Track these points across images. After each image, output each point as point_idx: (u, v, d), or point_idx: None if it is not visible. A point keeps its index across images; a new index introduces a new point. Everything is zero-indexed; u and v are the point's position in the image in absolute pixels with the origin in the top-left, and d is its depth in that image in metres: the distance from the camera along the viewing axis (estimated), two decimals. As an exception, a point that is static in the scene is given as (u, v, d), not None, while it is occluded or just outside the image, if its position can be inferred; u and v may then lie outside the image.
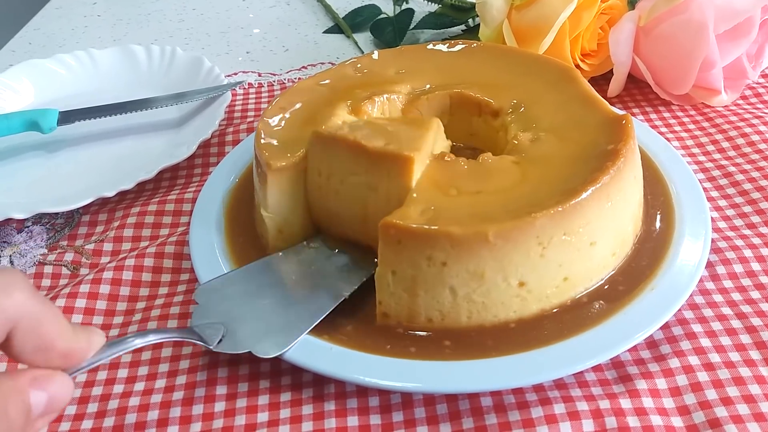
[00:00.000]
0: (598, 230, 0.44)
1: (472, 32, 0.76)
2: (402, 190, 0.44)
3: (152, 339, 0.37)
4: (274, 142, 0.50)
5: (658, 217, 0.50)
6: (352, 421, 0.41)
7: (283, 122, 0.51)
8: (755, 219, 0.52)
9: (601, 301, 0.44)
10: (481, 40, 0.68)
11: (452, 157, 0.47)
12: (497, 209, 0.42)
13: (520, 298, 0.43)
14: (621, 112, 0.50)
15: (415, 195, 0.44)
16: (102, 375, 0.45)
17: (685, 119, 0.64)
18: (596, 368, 0.42)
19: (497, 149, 0.49)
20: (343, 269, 0.47)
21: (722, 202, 0.54)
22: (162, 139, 0.66)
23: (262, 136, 0.50)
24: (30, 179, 0.63)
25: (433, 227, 0.41)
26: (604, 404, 0.40)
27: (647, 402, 0.40)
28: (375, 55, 0.58)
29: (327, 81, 0.55)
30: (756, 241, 0.50)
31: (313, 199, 0.49)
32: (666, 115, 0.64)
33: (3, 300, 0.28)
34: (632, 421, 0.39)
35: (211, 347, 0.40)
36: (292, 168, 0.48)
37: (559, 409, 0.39)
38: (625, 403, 0.40)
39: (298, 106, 0.53)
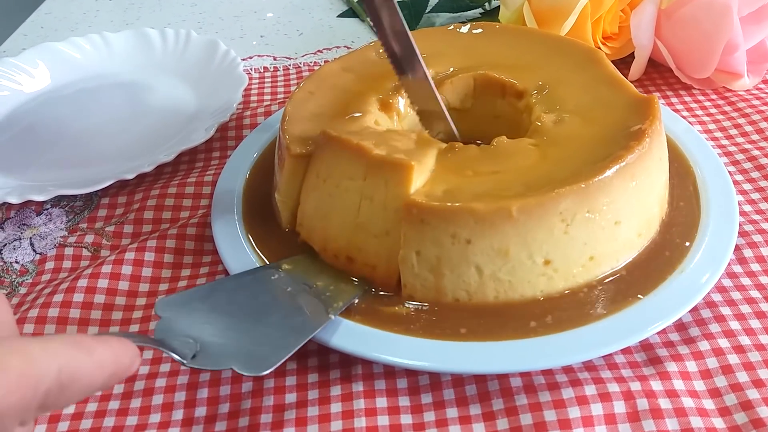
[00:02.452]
0: (623, 209, 0.43)
1: (489, 15, 0.75)
2: (399, 201, 0.43)
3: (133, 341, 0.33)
4: (299, 127, 0.49)
5: (684, 199, 0.49)
6: (381, 402, 0.40)
7: (310, 108, 0.51)
8: (781, 202, 0.52)
9: (629, 283, 0.44)
10: (501, 23, 0.67)
11: (460, 145, 0.47)
12: (518, 186, 0.42)
13: (546, 277, 0.43)
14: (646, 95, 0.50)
15: (426, 181, 0.44)
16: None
17: (707, 103, 0.63)
18: (625, 350, 0.42)
19: (521, 131, 0.49)
20: (323, 292, 0.44)
21: (747, 186, 0.54)
22: (180, 122, 0.66)
23: (287, 119, 0.50)
24: (48, 162, 0.62)
25: (456, 204, 0.41)
26: (635, 386, 0.39)
27: (678, 384, 0.40)
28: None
29: (351, 66, 0.55)
30: (783, 224, 0.50)
31: (305, 201, 0.48)
32: (687, 99, 0.64)
33: None
34: (664, 403, 0.39)
35: (185, 363, 0.36)
36: (309, 156, 0.48)
37: (590, 390, 0.39)
38: (656, 386, 0.40)
39: (325, 92, 0.52)
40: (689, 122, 0.60)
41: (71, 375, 0.27)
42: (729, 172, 0.54)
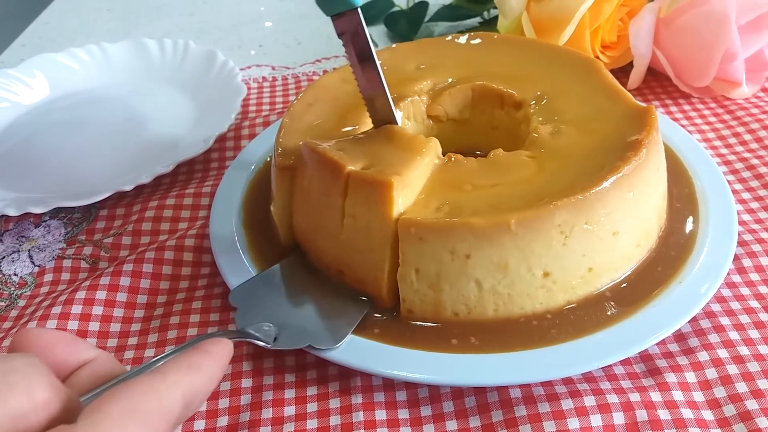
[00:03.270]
0: (621, 220, 0.43)
1: (488, 25, 0.75)
2: (382, 220, 0.42)
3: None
4: (294, 139, 0.49)
5: (683, 210, 0.49)
6: (380, 415, 0.40)
7: (308, 120, 0.51)
8: (780, 211, 0.52)
9: (628, 294, 0.44)
10: (499, 32, 0.67)
11: (459, 157, 0.47)
12: (516, 199, 0.42)
13: (545, 289, 0.43)
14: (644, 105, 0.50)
15: (423, 196, 0.44)
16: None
17: (706, 112, 0.63)
18: (624, 361, 0.42)
19: (519, 142, 0.49)
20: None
21: (746, 195, 0.54)
22: (178, 133, 0.66)
23: (283, 131, 0.50)
24: (46, 174, 0.62)
25: (454, 219, 0.41)
26: (635, 397, 0.39)
27: (677, 395, 0.40)
28: (394, 49, 0.58)
29: (350, 77, 0.54)
30: (782, 233, 0.50)
31: (295, 214, 0.48)
32: (686, 107, 0.64)
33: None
34: (663, 414, 0.39)
35: (269, 346, 0.40)
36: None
37: (589, 401, 0.39)
38: (655, 396, 0.40)
39: (323, 104, 0.52)
40: (688, 131, 0.60)
41: (192, 396, 0.29)
42: (728, 181, 0.54)
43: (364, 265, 0.44)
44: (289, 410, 0.41)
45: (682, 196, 0.50)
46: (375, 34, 0.83)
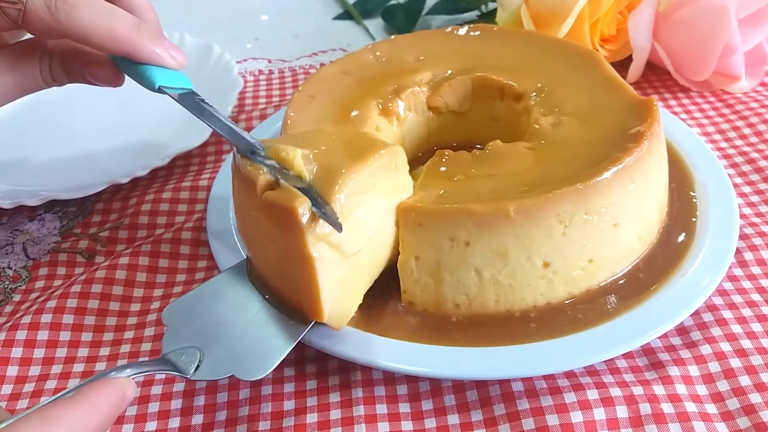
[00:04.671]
0: (622, 212, 0.43)
1: (486, 17, 0.75)
2: (298, 247, 0.36)
3: (130, 373, 0.33)
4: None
5: (684, 203, 0.49)
6: (381, 409, 0.40)
7: (312, 113, 0.50)
8: (781, 205, 0.52)
9: (629, 287, 0.43)
10: (498, 25, 0.67)
11: (451, 153, 0.46)
12: (515, 188, 0.42)
13: (546, 280, 0.42)
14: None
15: (420, 188, 0.43)
16: (122, 363, 0.44)
17: (705, 106, 0.63)
18: (627, 355, 0.42)
19: (519, 134, 0.49)
20: None
21: (746, 189, 0.53)
22: (174, 126, 0.65)
23: (289, 124, 0.49)
24: (41, 167, 0.62)
25: (454, 205, 0.41)
26: (638, 390, 0.39)
27: (680, 389, 0.40)
28: (393, 41, 0.57)
29: (349, 69, 0.54)
30: (783, 226, 0.49)
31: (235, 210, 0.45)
32: (685, 101, 0.64)
33: None
34: (666, 408, 0.38)
35: (188, 377, 0.36)
36: None
37: (592, 395, 0.39)
38: (659, 390, 0.39)
39: (325, 96, 0.51)
40: (687, 125, 0.60)
41: None
42: (728, 175, 0.54)
43: (297, 290, 0.39)
44: (289, 404, 0.40)
45: (682, 189, 0.50)
46: (372, 27, 0.82)
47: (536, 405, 0.39)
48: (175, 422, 0.40)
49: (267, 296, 0.41)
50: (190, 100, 0.41)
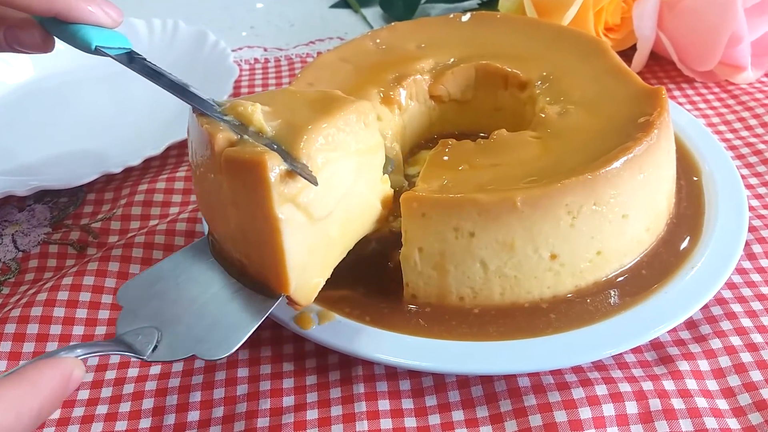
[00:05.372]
0: (630, 202, 0.42)
1: (488, 6, 0.73)
2: (264, 206, 0.33)
3: (80, 353, 0.31)
4: None
5: (691, 194, 0.48)
6: (383, 405, 0.39)
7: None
8: (788, 197, 0.51)
9: (637, 280, 0.42)
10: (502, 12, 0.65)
11: (455, 141, 0.45)
12: (521, 178, 0.41)
13: (553, 272, 0.41)
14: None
15: (422, 179, 0.42)
16: (115, 359, 0.43)
17: (710, 96, 0.62)
18: (635, 349, 0.41)
19: (524, 124, 0.48)
20: None
21: (753, 180, 0.53)
22: (168, 115, 0.63)
23: None
24: (31, 156, 0.60)
25: (458, 195, 0.39)
26: (647, 386, 0.38)
27: (690, 384, 0.39)
28: (393, 27, 0.56)
29: (348, 56, 0.53)
30: (791, 219, 0.48)
31: (193, 180, 0.41)
32: (690, 92, 0.63)
33: None
34: (677, 404, 0.37)
35: (144, 358, 0.33)
36: None
37: (600, 390, 0.38)
38: (668, 385, 0.38)
39: (324, 84, 0.50)
40: (692, 115, 0.59)
41: (27, 410, 0.26)
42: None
43: (261, 259, 0.36)
44: (288, 400, 0.39)
45: (690, 180, 0.49)
46: (369, 16, 0.81)
47: (543, 401, 0.38)
48: (170, 419, 0.39)
49: (231, 272, 0.38)
50: (131, 60, 0.38)
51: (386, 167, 0.42)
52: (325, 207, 0.36)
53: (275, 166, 0.33)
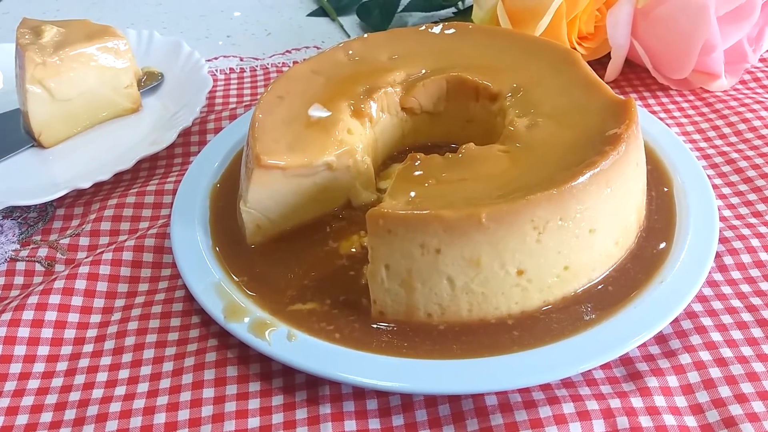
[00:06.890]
0: (598, 217, 0.42)
1: (462, 15, 0.73)
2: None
3: None
4: (270, 135, 0.47)
5: (662, 206, 0.48)
6: (350, 425, 0.38)
7: (281, 114, 0.48)
8: (761, 207, 0.50)
9: (607, 295, 0.42)
10: (474, 23, 0.65)
11: (423, 156, 0.44)
12: (487, 193, 0.40)
13: (520, 288, 0.41)
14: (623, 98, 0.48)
15: (389, 194, 0.41)
16: (80, 379, 0.42)
17: (684, 104, 0.62)
18: (604, 365, 0.40)
19: (495, 136, 0.47)
20: None
21: (726, 190, 0.52)
22: (139, 128, 0.63)
23: (257, 126, 0.47)
24: (-1, 170, 0.59)
25: (423, 212, 0.39)
26: (615, 403, 0.38)
27: (659, 401, 0.38)
28: (366, 39, 0.56)
29: (320, 68, 0.52)
30: (763, 230, 0.48)
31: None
32: (664, 100, 0.63)
33: None
34: (644, 421, 0.37)
35: None
36: (281, 168, 0.45)
37: (568, 408, 0.37)
38: (636, 402, 0.38)
39: (294, 97, 0.50)
40: (666, 124, 0.59)
41: None
42: (707, 175, 0.53)
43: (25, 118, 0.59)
44: (254, 422, 0.39)
45: (661, 191, 0.49)
46: (347, 24, 0.80)
47: (510, 420, 0.37)
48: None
49: None
50: None
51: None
52: (66, 94, 0.60)
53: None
